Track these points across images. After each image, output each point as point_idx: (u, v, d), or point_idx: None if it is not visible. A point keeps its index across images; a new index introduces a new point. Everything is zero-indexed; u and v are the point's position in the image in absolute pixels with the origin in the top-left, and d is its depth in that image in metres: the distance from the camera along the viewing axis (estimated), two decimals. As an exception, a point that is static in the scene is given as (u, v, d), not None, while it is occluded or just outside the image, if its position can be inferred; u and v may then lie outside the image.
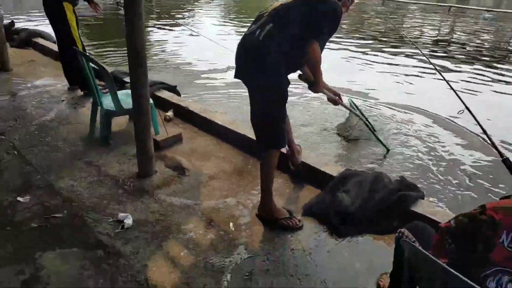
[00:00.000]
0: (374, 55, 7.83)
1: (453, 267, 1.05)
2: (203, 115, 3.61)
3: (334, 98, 2.77)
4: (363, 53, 7.95)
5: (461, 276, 0.99)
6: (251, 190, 2.68)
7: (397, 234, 1.57)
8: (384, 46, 8.73)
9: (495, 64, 7.45)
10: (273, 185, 2.33)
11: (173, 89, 4.30)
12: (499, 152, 1.80)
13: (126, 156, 3.05)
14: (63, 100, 4.11)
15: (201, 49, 7.21)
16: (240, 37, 2.24)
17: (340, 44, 8.53)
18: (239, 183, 2.77)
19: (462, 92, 5.22)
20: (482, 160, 3.69)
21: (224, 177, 2.84)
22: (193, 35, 8.68)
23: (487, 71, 6.87)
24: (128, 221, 2.29)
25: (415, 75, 6.48)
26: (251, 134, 3.12)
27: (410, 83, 6.10)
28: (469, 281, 0.99)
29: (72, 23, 3.87)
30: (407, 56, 7.84)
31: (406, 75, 6.47)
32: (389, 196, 2.37)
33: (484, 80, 6.32)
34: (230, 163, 3.03)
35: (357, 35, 9.88)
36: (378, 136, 3.68)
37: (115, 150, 3.15)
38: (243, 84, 2.25)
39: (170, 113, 3.72)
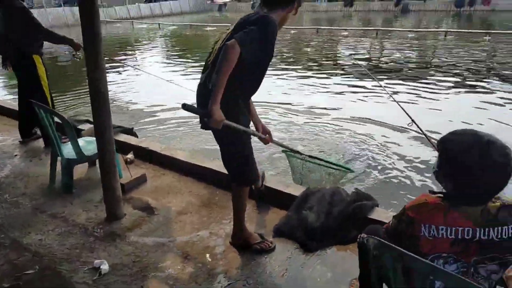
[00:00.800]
0: (318, 78, 8.37)
1: None
2: (165, 153, 3.70)
3: (262, 136, 2.52)
4: (307, 77, 8.48)
5: (418, 257, 1.20)
6: (222, 220, 2.80)
7: (358, 239, 1.78)
8: (324, 69, 9.35)
9: (421, 76, 8.26)
10: (245, 211, 2.47)
11: (130, 131, 4.35)
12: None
13: (92, 203, 3.05)
14: (16, 155, 4.00)
15: (150, 88, 7.33)
16: (185, 73, 2.37)
17: (286, 70, 9.03)
18: (209, 215, 2.88)
19: (406, 103, 5.78)
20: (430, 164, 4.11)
21: (194, 211, 2.93)
22: (138, 75, 8.80)
23: (417, 82, 7.61)
24: (104, 267, 2.31)
25: (361, 93, 7.02)
26: (214, 166, 3.28)
27: (360, 101, 6.61)
28: (424, 260, 1.21)
29: (43, 75, 3.84)
30: (344, 75, 8.47)
31: (354, 92, 6.99)
32: (347, 207, 2.60)
33: (418, 90, 6.99)
34: (197, 196, 3.13)
35: (298, 61, 10.50)
36: (336, 162, 3.61)
37: (79, 198, 3.13)
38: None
39: (130, 156, 3.77)
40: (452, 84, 7.63)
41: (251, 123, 2.41)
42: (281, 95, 7.10)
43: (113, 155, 2.70)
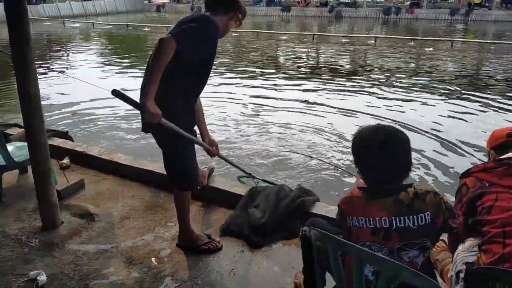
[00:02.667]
0: (258, 80, 8.52)
1: None
2: (104, 157, 3.56)
3: (209, 148, 2.51)
4: (251, 77, 8.60)
5: (353, 243, 1.30)
6: (167, 222, 2.76)
7: (301, 232, 1.87)
8: (264, 72, 9.55)
9: (354, 77, 8.76)
10: (189, 213, 2.46)
11: (64, 135, 4.11)
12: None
13: (25, 212, 2.84)
14: None
15: (85, 90, 6.97)
16: (121, 75, 2.32)
17: (226, 73, 9.06)
18: (153, 218, 2.82)
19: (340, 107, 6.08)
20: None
21: (137, 215, 2.85)
22: (73, 79, 8.34)
23: (349, 83, 8.06)
24: (42, 277, 2.17)
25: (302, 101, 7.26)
26: (156, 168, 3.22)
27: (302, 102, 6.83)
28: (358, 246, 1.30)
29: None
30: (286, 79, 8.72)
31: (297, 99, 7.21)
32: (291, 203, 2.69)
33: (345, 91, 7.40)
34: (140, 200, 3.05)
35: (241, 64, 10.61)
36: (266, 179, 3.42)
37: (10, 208, 2.90)
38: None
39: (66, 161, 3.57)
40: (372, 84, 8.19)
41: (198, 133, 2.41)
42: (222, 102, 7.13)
43: (47, 161, 2.55)
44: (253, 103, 6.85)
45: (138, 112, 2.06)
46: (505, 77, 9.31)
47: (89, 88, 6.90)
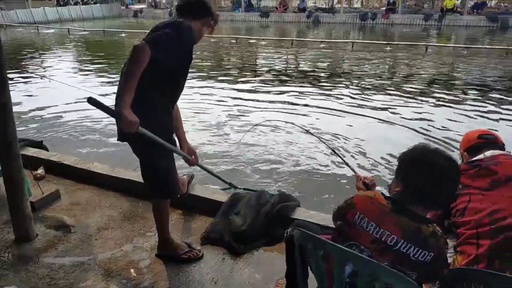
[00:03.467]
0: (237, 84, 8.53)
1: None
2: (80, 166, 3.47)
3: (187, 157, 2.48)
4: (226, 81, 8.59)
5: (334, 243, 1.31)
6: (146, 232, 2.71)
7: (285, 234, 1.86)
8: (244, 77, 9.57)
9: (333, 80, 8.88)
10: (169, 222, 2.42)
11: (39, 145, 4.00)
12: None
13: (-4, 226, 2.74)
14: None
15: (60, 98, 6.84)
16: (98, 81, 2.27)
17: (207, 78, 9.03)
18: (132, 228, 2.77)
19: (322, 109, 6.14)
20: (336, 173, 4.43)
21: (115, 226, 2.79)
22: (45, 85, 8.14)
23: (327, 89, 8.16)
24: (15, 293, 2.09)
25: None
26: (134, 177, 3.17)
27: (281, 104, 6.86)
28: (339, 246, 1.31)
29: None
30: (263, 82, 8.76)
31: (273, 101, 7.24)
32: (272, 209, 2.69)
33: (323, 96, 7.49)
34: (118, 210, 2.99)
35: (221, 69, 10.59)
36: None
37: (-20, 221, 2.79)
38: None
39: (40, 171, 3.47)
40: (359, 91, 8.33)
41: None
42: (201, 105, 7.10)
43: (20, 171, 2.47)
44: (234, 107, 6.85)
45: (114, 119, 2.03)
46: (478, 81, 9.63)
47: (65, 94, 6.81)
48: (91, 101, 1.84)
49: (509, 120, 6.33)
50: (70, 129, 5.71)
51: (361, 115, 6.41)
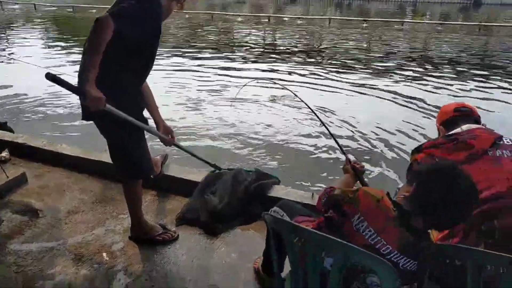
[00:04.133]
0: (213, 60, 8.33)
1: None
2: (49, 148, 3.31)
3: (163, 137, 2.37)
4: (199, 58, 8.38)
5: (306, 228, 1.25)
6: (118, 215, 2.62)
7: (266, 215, 1.80)
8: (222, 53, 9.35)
9: (310, 60, 8.81)
10: (141, 204, 2.34)
11: (3, 126, 3.79)
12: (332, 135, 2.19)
13: (-43, 213, 2.59)
14: None
15: (25, 78, 6.48)
16: (67, 60, 2.12)
17: (183, 55, 8.78)
18: (104, 211, 2.67)
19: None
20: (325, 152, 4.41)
21: (87, 209, 2.68)
22: (8, 64, 7.73)
23: (307, 65, 8.09)
24: (-22, 283, 1.98)
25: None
26: (105, 158, 3.02)
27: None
28: (310, 229, 1.26)
29: None
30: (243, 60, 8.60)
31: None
32: (249, 187, 2.64)
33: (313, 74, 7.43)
34: (89, 193, 2.87)
35: (197, 46, 10.32)
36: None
37: None
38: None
39: (5, 153, 3.29)
40: (336, 67, 8.30)
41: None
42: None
43: (-21, 154, 2.31)
44: (213, 84, 6.71)
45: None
46: (452, 56, 9.75)
47: (31, 74, 6.46)
48: (49, 76, 1.70)
49: (480, 91, 6.48)
50: (36, 109, 5.44)
51: (341, 89, 6.41)
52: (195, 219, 2.52)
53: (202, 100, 5.90)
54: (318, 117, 2.26)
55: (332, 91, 6.45)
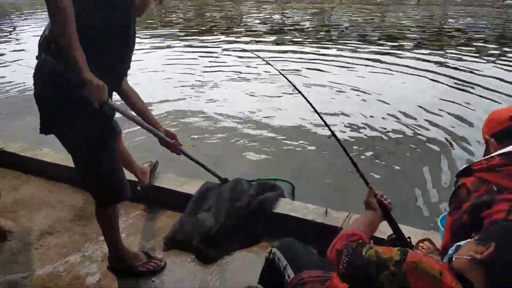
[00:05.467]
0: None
1: None
2: (27, 155, 2.95)
3: (166, 139, 2.09)
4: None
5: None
6: (98, 236, 2.23)
7: (267, 254, 1.41)
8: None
9: (319, 36, 8.25)
10: (119, 228, 1.95)
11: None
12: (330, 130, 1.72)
13: None
14: None
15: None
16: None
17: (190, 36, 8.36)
18: (83, 231, 2.30)
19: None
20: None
21: (63, 229, 2.32)
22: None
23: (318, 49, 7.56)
24: None
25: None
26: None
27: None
28: None
29: None
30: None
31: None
32: (250, 203, 2.23)
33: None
34: (69, 208, 2.51)
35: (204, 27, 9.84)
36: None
37: None
38: None
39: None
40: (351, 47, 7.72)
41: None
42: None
43: None
44: (223, 65, 6.29)
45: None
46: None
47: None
48: None
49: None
50: (12, 109, 4.92)
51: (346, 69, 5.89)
52: (187, 242, 2.13)
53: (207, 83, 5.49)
54: (321, 117, 1.78)
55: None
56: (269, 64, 2.25)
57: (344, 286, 0.96)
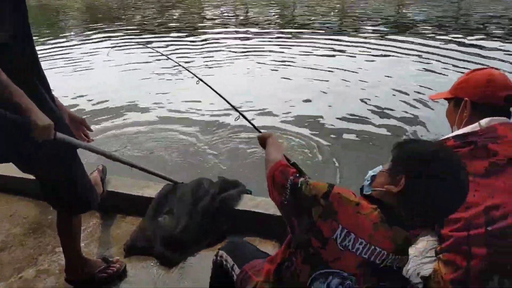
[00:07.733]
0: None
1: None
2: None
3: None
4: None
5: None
6: (55, 248, 2.15)
7: (214, 257, 1.45)
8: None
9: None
10: (80, 239, 1.88)
11: None
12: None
13: None
14: None
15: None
16: None
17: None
18: (37, 244, 2.20)
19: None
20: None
21: (16, 244, 2.21)
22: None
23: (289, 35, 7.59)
24: None
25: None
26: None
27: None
28: None
29: None
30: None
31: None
32: (212, 202, 2.21)
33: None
34: (22, 221, 2.39)
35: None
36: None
37: None
38: None
39: None
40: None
41: None
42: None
43: None
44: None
45: None
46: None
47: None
48: None
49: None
50: None
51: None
52: (148, 247, 2.08)
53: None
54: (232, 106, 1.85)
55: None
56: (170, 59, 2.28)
57: None
